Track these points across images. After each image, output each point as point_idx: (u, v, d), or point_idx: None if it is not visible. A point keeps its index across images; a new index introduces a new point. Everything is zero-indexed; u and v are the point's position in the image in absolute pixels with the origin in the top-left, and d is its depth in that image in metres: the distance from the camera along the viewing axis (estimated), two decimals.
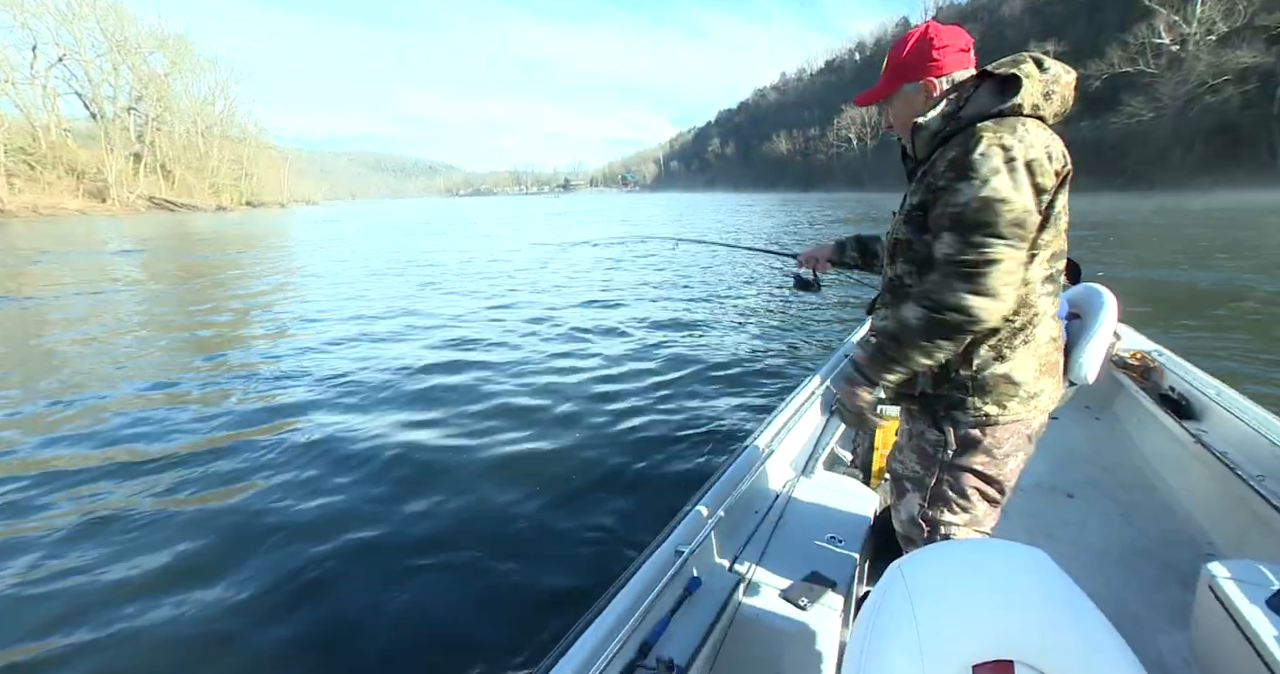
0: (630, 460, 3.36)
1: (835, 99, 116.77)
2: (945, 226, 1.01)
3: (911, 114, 1.13)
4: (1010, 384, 1.09)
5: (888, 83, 1.18)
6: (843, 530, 1.58)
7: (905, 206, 1.14)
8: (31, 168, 50.50)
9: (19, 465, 3.51)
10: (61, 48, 61.99)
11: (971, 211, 0.97)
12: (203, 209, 66.66)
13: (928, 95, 1.13)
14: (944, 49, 1.10)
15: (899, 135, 1.23)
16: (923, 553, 0.66)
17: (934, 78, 1.12)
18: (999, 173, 0.96)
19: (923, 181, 1.08)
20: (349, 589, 2.33)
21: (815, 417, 2.27)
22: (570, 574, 2.39)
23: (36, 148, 52.01)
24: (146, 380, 5.14)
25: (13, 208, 43.56)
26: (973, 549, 0.67)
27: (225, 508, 3.00)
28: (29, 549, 2.68)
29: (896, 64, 1.15)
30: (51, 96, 58.96)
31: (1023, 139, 0.98)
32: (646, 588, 1.19)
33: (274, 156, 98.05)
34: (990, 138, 0.97)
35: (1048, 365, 1.12)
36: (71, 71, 63.52)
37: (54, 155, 53.33)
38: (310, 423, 4.03)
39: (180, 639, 2.12)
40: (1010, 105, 1.01)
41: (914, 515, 1.25)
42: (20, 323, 7.88)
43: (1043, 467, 2.37)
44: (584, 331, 6.53)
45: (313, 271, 12.88)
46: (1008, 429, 1.12)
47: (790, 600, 1.32)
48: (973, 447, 1.14)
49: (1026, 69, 1.03)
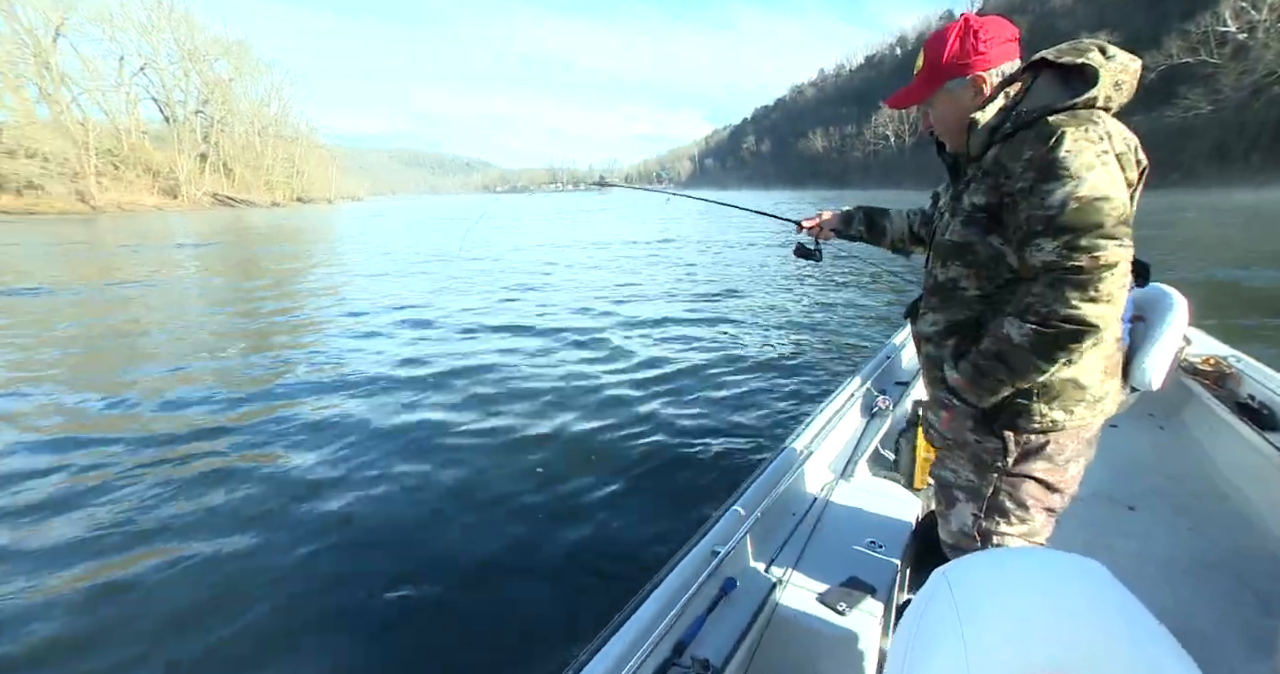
0: (665, 460, 3.36)
1: (874, 95, 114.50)
2: (1039, 232, 0.93)
3: (959, 113, 1.07)
4: (1077, 388, 1.04)
5: (928, 82, 1.10)
6: (883, 535, 1.54)
7: (963, 207, 1.07)
8: (116, 168, 55.17)
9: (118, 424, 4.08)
10: (142, 58, 67.21)
11: (1072, 213, 0.90)
12: (259, 204, 70.90)
13: (977, 91, 1.06)
14: (990, 41, 1.04)
15: (941, 136, 1.17)
16: (970, 560, 0.62)
17: (982, 72, 1.05)
18: (1093, 169, 0.90)
19: (984, 181, 1.02)
20: (371, 591, 2.31)
21: (856, 418, 2.23)
22: (604, 572, 2.39)
23: (120, 149, 56.61)
24: (240, 359, 5.74)
25: (101, 204, 47.99)
26: (1024, 558, 0.63)
27: (268, 470, 3.32)
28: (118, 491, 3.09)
29: (937, 61, 1.08)
30: (133, 102, 64.02)
31: (1110, 132, 0.93)
32: (682, 587, 1.18)
33: (322, 154, 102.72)
34: (1075, 132, 0.91)
35: (1111, 366, 1.08)
36: (149, 79, 68.64)
37: (134, 156, 57.94)
38: (334, 408, 4.27)
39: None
40: (1085, 98, 0.95)
41: (966, 527, 1.18)
42: (99, 307, 8.71)
43: (1101, 476, 2.19)
44: (619, 328, 6.60)
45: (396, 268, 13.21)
46: (1070, 434, 1.07)
47: (828, 605, 1.29)
48: (1034, 454, 1.08)
49: (1095, 58, 0.97)
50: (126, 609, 2.28)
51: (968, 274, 1.08)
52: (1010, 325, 0.98)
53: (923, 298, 1.23)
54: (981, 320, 1.08)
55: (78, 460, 3.52)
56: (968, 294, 1.09)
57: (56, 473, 3.37)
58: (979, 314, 1.08)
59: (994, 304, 1.06)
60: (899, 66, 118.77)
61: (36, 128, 46.90)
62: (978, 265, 1.06)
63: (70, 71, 55.77)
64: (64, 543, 2.70)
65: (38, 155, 44.67)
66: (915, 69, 1.13)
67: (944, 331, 1.13)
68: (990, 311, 1.07)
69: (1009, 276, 1.04)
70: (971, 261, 1.07)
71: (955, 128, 1.10)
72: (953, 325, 1.12)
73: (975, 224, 1.05)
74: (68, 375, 5.39)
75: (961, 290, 1.10)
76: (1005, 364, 1.00)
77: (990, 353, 1.02)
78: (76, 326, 7.44)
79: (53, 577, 2.46)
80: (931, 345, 1.17)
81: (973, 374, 1.05)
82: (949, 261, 1.11)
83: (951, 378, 1.09)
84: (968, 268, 1.08)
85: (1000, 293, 1.05)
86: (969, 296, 1.08)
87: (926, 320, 1.19)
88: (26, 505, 3.03)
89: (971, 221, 1.05)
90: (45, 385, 5.04)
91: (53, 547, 2.68)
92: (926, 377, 1.23)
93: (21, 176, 43.02)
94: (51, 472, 3.38)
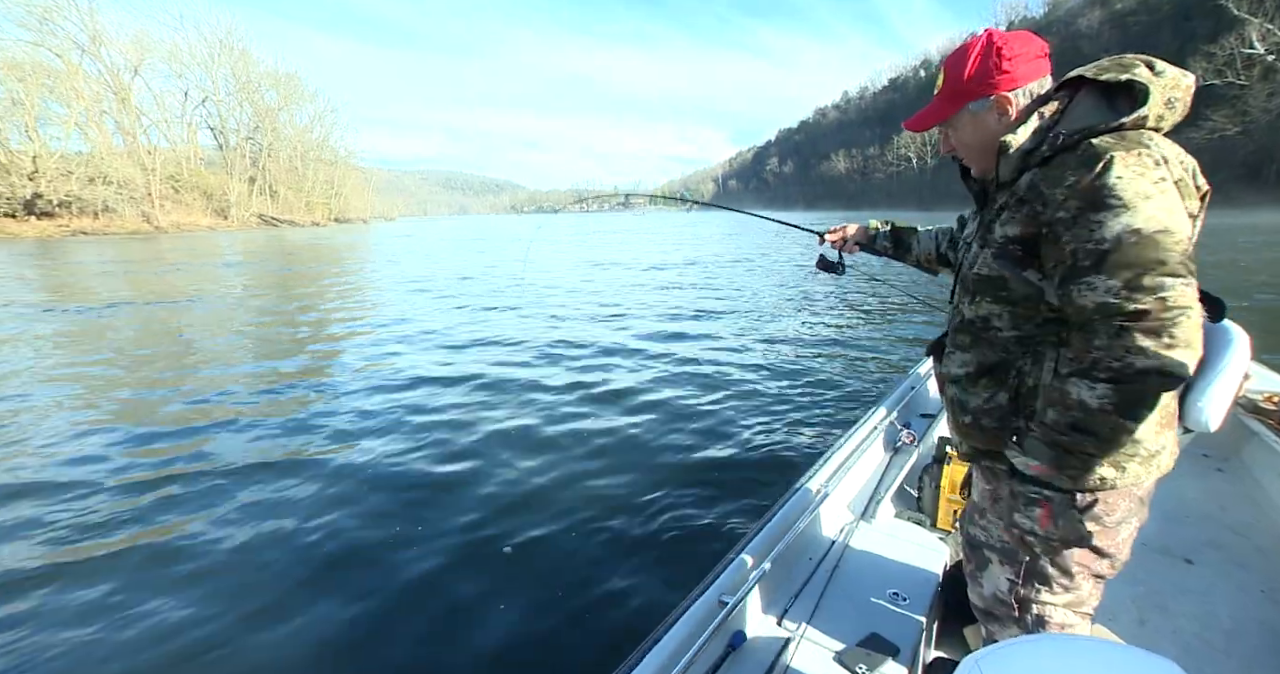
0: (668, 500, 3.12)
1: (896, 117, 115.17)
2: (1087, 267, 0.82)
3: (983, 136, 1.00)
4: (1131, 442, 0.89)
5: (948, 103, 1.01)
6: (907, 586, 1.43)
7: (994, 238, 0.97)
8: (176, 191, 59.38)
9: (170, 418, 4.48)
10: (203, 91, 72.46)
11: (1129, 248, 0.79)
12: (300, 224, 74.78)
13: (1001, 112, 0.97)
14: (1016, 58, 0.95)
15: (964, 160, 1.07)
16: (1011, 650, 0.51)
17: (1007, 92, 0.96)
18: (1150, 198, 0.79)
19: (1019, 210, 0.92)
20: (364, 621, 2.23)
21: (878, 454, 2.10)
22: (600, 623, 2.21)
23: (180, 175, 61.01)
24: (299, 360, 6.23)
25: (164, 225, 52.00)
26: (1078, 652, 0.50)
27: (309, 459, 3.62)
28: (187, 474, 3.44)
29: (958, 81, 0.99)
30: (192, 131, 68.98)
31: (1166, 157, 0.83)
32: (686, 641, 1.10)
33: (358, 177, 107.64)
34: (1127, 157, 0.81)
35: (1166, 417, 0.93)
36: (208, 109, 73.78)
37: (191, 181, 62.23)
38: (348, 435, 4.21)
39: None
40: (1134, 118, 0.85)
41: (1001, 592, 1.05)
42: (159, 318, 9.34)
43: (1151, 524, 1.99)
44: (626, 355, 6.42)
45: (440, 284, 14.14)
46: (1121, 493, 0.94)
47: (846, 666, 1.18)
48: (1082, 515, 0.95)
49: (1143, 73, 0.87)
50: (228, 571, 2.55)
51: (1000, 312, 0.99)
52: (1079, 388, 0.86)
53: (949, 335, 1.13)
54: (1013, 363, 0.99)
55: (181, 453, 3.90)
56: (1001, 334, 1.00)
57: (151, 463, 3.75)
58: (1013, 357, 0.99)
59: (1029, 346, 0.97)
60: (921, 88, 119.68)
61: (114, 157, 51.53)
62: (1012, 302, 0.98)
63: (142, 105, 61.05)
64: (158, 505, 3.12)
65: (113, 182, 49.07)
66: (936, 88, 1.05)
67: (974, 375, 1.03)
68: (1025, 354, 0.97)
69: (1048, 316, 0.94)
70: (1005, 298, 0.98)
71: (980, 151, 1.03)
72: (984, 368, 1.02)
73: (1008, 257, 0.96)
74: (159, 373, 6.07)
75: (994, 330, 1.00)
76: (1091, 434, 0.87)
77: (1065, 426, 0.88)
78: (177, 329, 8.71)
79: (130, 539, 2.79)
80: (958, 388, 1.06)
81: (1056, 456, 0.91)
82: (979, 298, 1.02)
83: (1028, 466, 0.94)
84: (1000, 305, 0.99)
85: (1039, 333, 0.96)
86: (1003, 337, 0.99)
87: (954, 360, 1.08)
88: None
89: (1004, 254, 0.96)
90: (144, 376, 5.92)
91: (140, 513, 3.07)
92: (952, 421, 1.12)
93: (99, 201, 47.36)
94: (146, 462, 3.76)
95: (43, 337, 7.89)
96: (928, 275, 1.53)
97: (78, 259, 22.41)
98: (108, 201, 47.92)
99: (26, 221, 41.53)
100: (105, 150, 51.26)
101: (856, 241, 1.59)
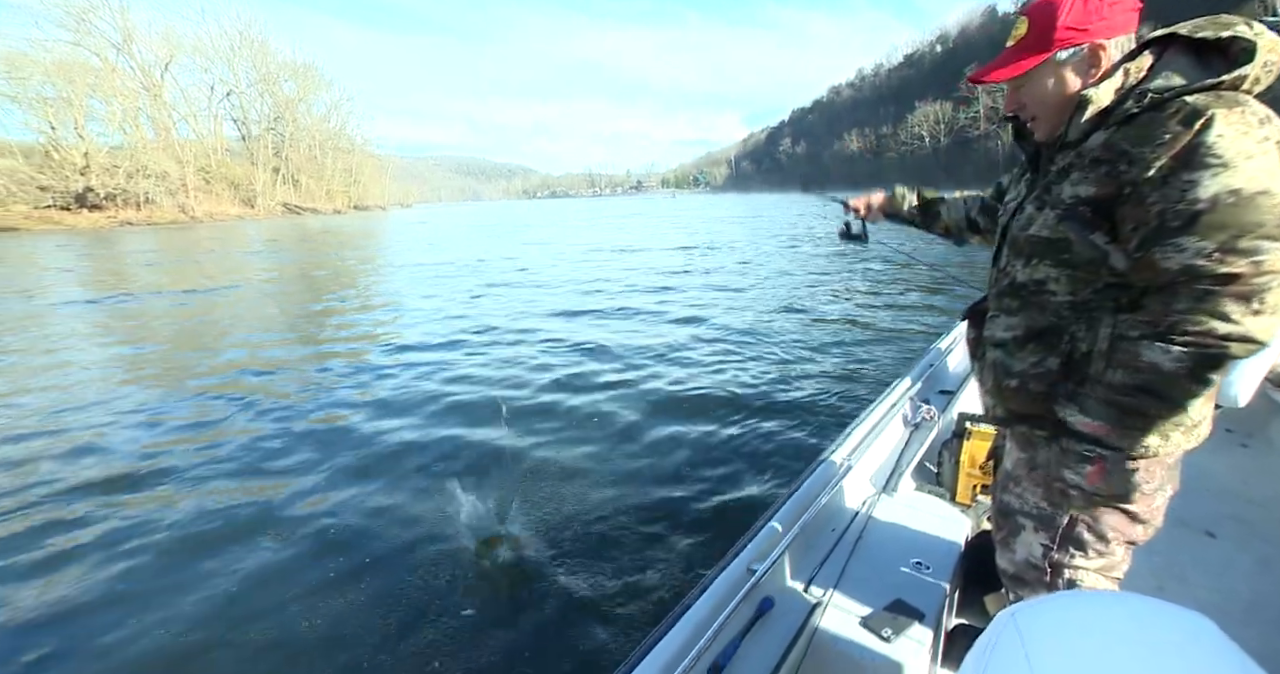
0: (695, 474, 3.29)
1: (911, 94, 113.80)
2: (1176, 229, 0.80)
3: (1063, 91, 0.93)
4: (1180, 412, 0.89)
5: (1032, 51, 0.93)
6: (930, 556, 1.45)
7: (1060, 199, 0.93)
8: (206, 182, 62.33)
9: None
10: (227, 84, 75.05)
11: (1226, 209, 0.76)
12: (322, 211, 77.58)
13: (1092, 63, 0.90)
14: (1116, 4, 0.88)
15: (1028, 118, 1.01)
16: (1045, 603, 0.51)
17: (1104, 40, 0.89)
18: (1253, 158, 0.76)
19: (1093, 169, 0.88)
20: (398, 594, 2.35)
21: (898, 429, 2.12)
22: (633, 590, 2.33)
23: (210, 166, 63.93)
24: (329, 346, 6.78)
25: (198, 215, 55.05)
26: (1112, 604, 0.50)
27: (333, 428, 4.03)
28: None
29: (1049, 26, 0.90)
30: (218, 123, 71.76)
31: (1270, 115, 0.79)
32: (717, 607, 1.14)
33: (375, 165, 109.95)
34: (1229, 115, 0.77)
35: (1214, 388, 0.90)
36: (232, 102, 76.42)
37: (220, 172, 65.15)
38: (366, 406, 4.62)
39: None
40: (1234, 76, 0.81)
41: (1034, 557, 1.06)
42: (198, 305, 10.06)
43: (1173, 497, 1.82)
44: (649, 338, 6.49)
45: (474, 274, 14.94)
46: (1158, 460, 0.94)
47: (873, 630, 1.21)
48: (1130, 477, 0.95)
49: (1245, 32, 0.82)
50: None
51: (1058, 276, 0.95)
52: (1152, 351, 0.83)
53: (990, 299, 1.10)
54: (1066, 328, 0.95)
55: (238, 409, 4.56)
56: (1055, 299, 0.96)
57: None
58: (1065, 322, 0.95)
59: (1084, 312, 0.93)
60: (938, 64, 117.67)
61: (153, 151, 54.72)
62: (1073, 266, 0.93)
63: (172, 100, 64.01)
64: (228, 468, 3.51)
65: (152, 175, 52.18)
66: (1014, 37, 0.96)
67: (1021, 339, 1.00)
68: (1079, 320, 0.94)
69: (1109, 281, 0.91)
70: (1066, 261, 0.94)
71: (1055, 108, 0.95)
72: (1033, 332, 0.99)
73: (1076, 218, 0.91)
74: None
75: (1048, 294, 0.97)
76: (1158, 397, 0.85)
77: (1132, 387, 0.86)
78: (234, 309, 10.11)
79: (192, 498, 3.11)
80: (1002, 352, 1.03)
81: (1116, 416, 0.89)
82: (1035, 260, 0.98)
83: (1082, 423, 0.92)
84: (1059, 268, 0.95)
85: (1096, 298, 0.92)
86: (1056, 302, 0.95)
87: (999, 324, 1.05)
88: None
89: (1072, 215, 0.91)
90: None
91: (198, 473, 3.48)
92: (990, 385, 1.08)
93: (142, 193, 50.65)
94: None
95: (155, 315, 9.54)
96: (953, 248, 1.48)
97: (144, 247, 24.62)
98: (149, 193, 51.14)
99: (80, 214, 44.61)
100: (143, 145, 54.36)
101: (881, 210, 1.57)
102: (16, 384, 5.59)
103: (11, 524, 3.03)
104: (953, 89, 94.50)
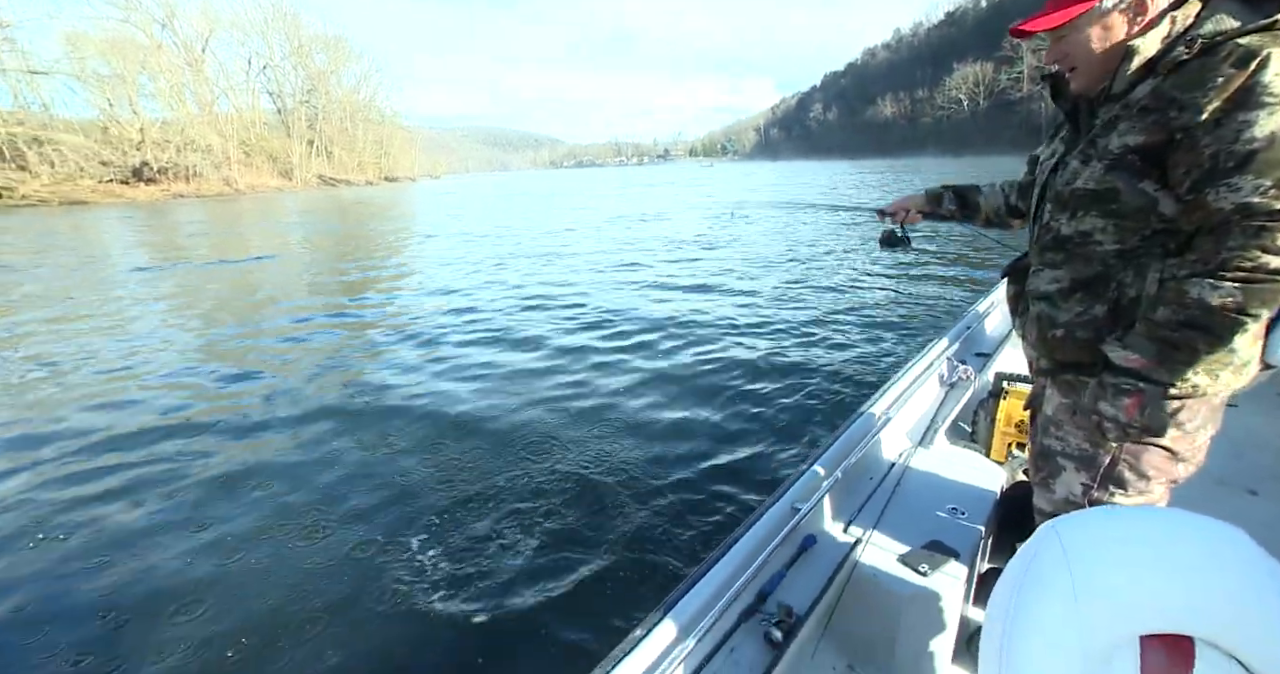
0: (738, 424, 3.55)
1: (950, 55, 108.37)
2: (1230, 168, 0.80)
3: (1108, 41, 0.93)
4: (1228, 350, 0.88)
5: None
6: (965, 503, 1.49)
7: (1108, 150, 0.93)
8: (247, 155, 65.21)
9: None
10: (262, 57, 77.18)
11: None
12: (355, 183, 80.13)
13: (1138, 11, 0.91)
14: None
15: (1068, 69, 1.01)
16: (1085, 514, 0.53)
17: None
18: None
19: (1142, 118, 0.88)
20: (465, 536, 2.57)
21: (934, 388, 2.16)
22: (685, 526, 2.57)
23: (249, 140, 66.69)
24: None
25: (241, 187, 58.16)
26: (1149, 516, 0.51)
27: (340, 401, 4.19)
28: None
29: None
30: (255, 97, 74.26)
31: None
32: (764, 540, 1.21)
33: (405, 136, 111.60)
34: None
35: (1260, 327, 0.91)
36: (267, 75, 78.64)
37: (259, 145, 67.87)
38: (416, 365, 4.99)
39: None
40: None
41: (1074, 495, 1.08)
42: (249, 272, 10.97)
43: (1216, 455, 1.74)
44: (694, 298, 7.07)
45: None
46: (1204, 400, 0.94)
47: (910, 565, 1.28)
48: (1171, 414, 0.95)
49: None
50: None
51: (1105, 225, 0.96)
52: (1200, 288, 0.84)
53: (1032, 254, 1.12)
54: (1114, 276, 0.96)
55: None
56: (1101, 248, 0.97)
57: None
58: (1113, 270, 0.96)
59: (1131, 259, 0.95)
60: (981, 21, 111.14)
61: (198, 125, 57.52)
62: (1121, 215, 0.94)
63: (212, 75, 66.49)
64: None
65: (199, 149, 55.11)
66: None
67: (1067, 290, 1.02)
68: (1126, 267, 0.95)
69: (1157, 228, 0.92)
70: (1114, 211, 0.94)
71: (1099, 60, 0.95)
72: (1078, 283, 1.00)
73: (1124, 168, 0.92)
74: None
75: (1094, 244, 0.98)
76: (1205, 331, 0.85)
77: (1177, 323, 0.87)
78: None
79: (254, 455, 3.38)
80: (1047, 304, 1.05)
81: (1161, 350, 0.89)
82: (1081, 212, 0.98)
83: (1124, 358, 0.93)
84: (1107, 219, 0.95)
85: (1143, 246, 0.94)
86: (1102, 252, 0.97)
87: (1043, 277, 1.06)
88: None
89: (1120, 165, 0.92)
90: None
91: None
92: (1034, 337, 1.10)
93: (191, 166, 53.70)
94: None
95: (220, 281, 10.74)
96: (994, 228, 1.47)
97: (199, 217, 26.63)
98: (197, 167, 54.18)
99: (137, 187, 47.74)
100: (189, 120, 57.20)
101: (919, 210, 1.54)
102: (123, 346, 6.02)
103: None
104: (995, 48, 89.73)
